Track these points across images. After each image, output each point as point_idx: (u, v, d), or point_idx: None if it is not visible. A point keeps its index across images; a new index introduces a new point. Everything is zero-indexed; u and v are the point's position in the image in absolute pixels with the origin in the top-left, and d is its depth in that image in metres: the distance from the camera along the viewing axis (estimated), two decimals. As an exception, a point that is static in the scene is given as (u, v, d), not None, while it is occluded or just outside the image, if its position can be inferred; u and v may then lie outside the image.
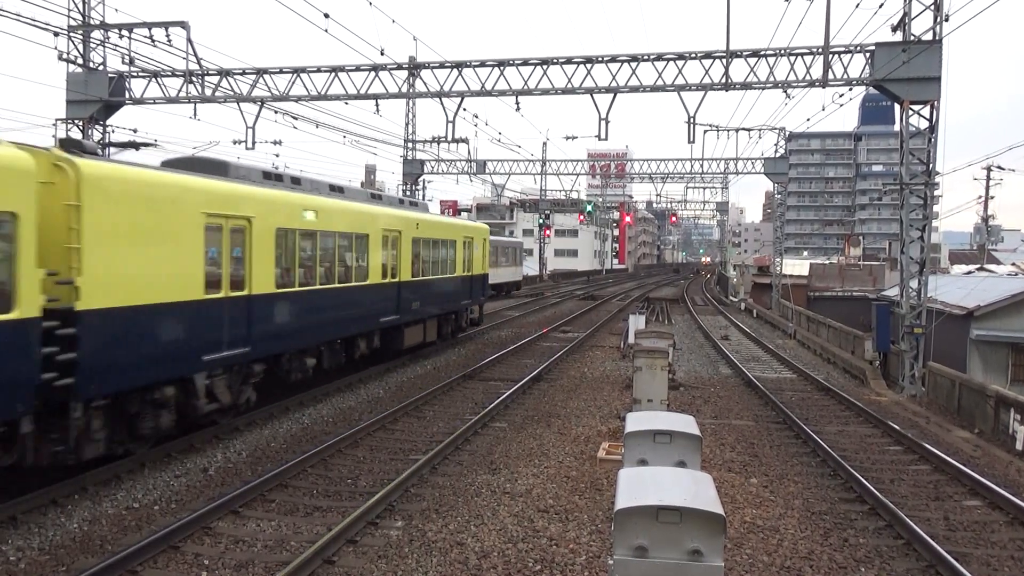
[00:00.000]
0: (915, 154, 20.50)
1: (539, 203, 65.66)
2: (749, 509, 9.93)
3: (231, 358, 12.38)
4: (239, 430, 13.25)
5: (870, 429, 15.16)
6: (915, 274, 20.73)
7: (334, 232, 15.89)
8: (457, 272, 24.22)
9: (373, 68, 24.01)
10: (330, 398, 16.29)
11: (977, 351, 24.39)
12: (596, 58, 22.81)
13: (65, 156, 9.31)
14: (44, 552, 8.15)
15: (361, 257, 17.38)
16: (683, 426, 8.34)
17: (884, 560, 8.56)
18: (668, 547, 5.69)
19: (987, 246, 55.20)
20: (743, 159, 45.13)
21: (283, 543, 8.53)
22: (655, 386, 13.88)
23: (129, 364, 10.20)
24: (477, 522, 9.20)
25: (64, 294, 9.07)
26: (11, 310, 8.24)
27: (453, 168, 44.72)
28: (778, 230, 48.10)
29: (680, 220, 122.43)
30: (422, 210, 22.91)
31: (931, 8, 19.41)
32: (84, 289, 9.28)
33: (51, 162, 9.15)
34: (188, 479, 10.72)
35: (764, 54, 21.69)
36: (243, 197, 12.70)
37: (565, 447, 12.77)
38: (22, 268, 8.33)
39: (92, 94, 24.36)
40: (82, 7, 23.64)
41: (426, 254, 21.45)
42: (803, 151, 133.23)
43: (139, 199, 10.34)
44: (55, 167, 9.16)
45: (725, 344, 27.89)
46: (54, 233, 8.98)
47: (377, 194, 20.37)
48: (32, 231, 8.41)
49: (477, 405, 15.88)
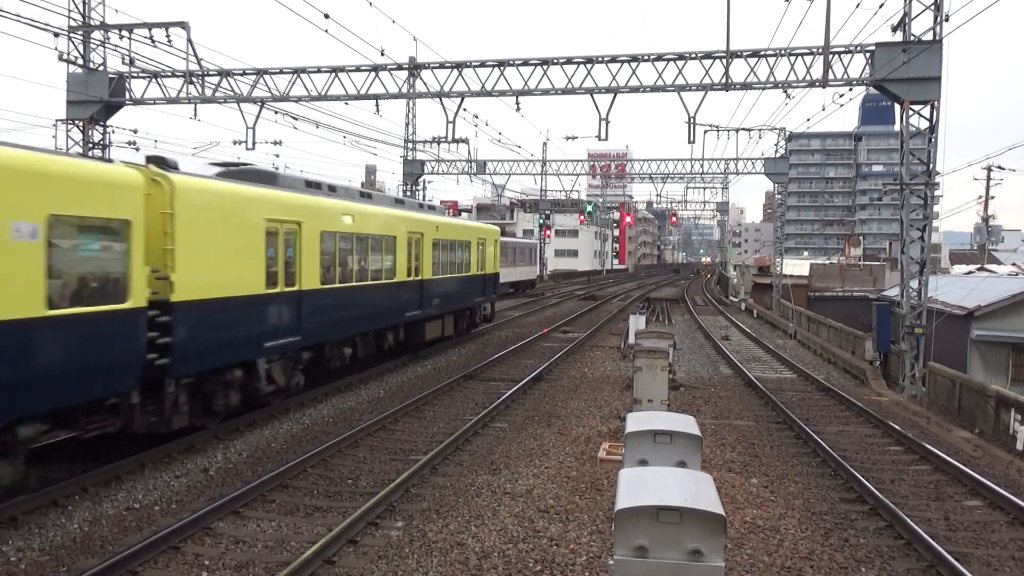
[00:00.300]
0: (915, 154, 20.50)
1: (539, 203, 65.66)
2: (749, 509, 9.93)
3: (285, 345, 14.05)
4: (239, 430, 13.25)
5: (870, 429, 15.16)
6: (915, 274, 20.72)
7: (367, 234, 17.58)
8: (472, 271, 25.72)
9: (373, 68, 24.01)
10: (330, 398, 16.29)
11: (977, 351, 24.38)
12: (596, 58, 22.81)
13: (160, 172, 11.02)
14: (45, 552, 8.16)
15: (389, 257, 18.95)
16: (683, 426, 8.34)
17: (885, 560, 8.56)
18: (668, 547, 5.69)
19: (987, 246, 55.22)
20: (743, 159, 45.13)
21: (283, 543, 8.53)
22: (655, 386, 13.87)
23: (209, 349, 11.90)
24: (477, 522, 9.20)
25: (161, 288, 10.80)
26: (126, 300, 10.02)
27: (453, 168, 44.73)
28: (778, 230, 48.09)
29: (680, 220, 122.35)
30: (440, 213, 24.62)
31: (931, 8, 19.41)
32: (177, 284, 10.99)
33: (150, 177, 10.74)
34: (188, 479, 10.73)
35: (764, 54, 21.69)
36: (294, 204, 14.40)
37: (565, 447, 12.77)
38: (134, 266, 10.13)
39: (92, 95, 24.37)
40: (82, 8, 23.66)
41: (445, 255, 22.97)
42: (803, 151, 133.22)
43: (217, 208, 12.06)
44: (153, 181, 10.78)
45: (725, 344, 27.90)
46: (153, 237, 10.60)
47: (400, 199, 21.89)
48: (141, 235, 10.20)
49: (478, 405, 15.88)
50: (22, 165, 8.63)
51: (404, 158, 39.92)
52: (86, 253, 9.81)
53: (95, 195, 9.60)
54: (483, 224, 29.89)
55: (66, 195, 9.14)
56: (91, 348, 9.59)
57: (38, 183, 8.76)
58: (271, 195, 13.68)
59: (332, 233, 15.71)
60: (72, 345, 9.34)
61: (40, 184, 8.78)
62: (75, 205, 9.29)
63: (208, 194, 11.96)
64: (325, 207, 15.63)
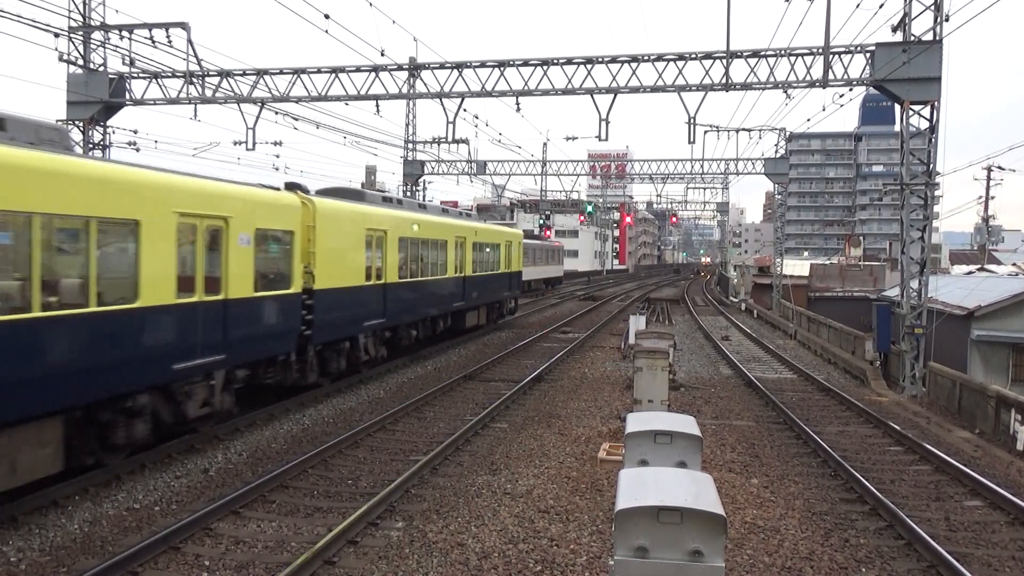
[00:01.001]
0: (915, 154, 20.50)
1: (539, 204, 65.63)
2: (750, 509, 9.93)
3: (376, 325, 18.30)
4: (239, 431, 13.26)
5: (871, 429, 15.16)
6: (916, 274, 20.72)
7: (428, 239, 21.74)
8: (501, 269, 30.04)
9: (373, 69, 24.01)
10: (330, 399, 16.30)
11: (978, 351, 24.37)
12: (596, 59, 22.81)
13: (307, 196, 15.26)
14: (45, 553, 8.15)
15: (443, 257, 23.12)
16: (684, 427, 8.34)
17: (885, 560, 8.56)
18: (669, 548, 5.68)
19: (987, 246, 55.20)
20: (743, 159, 45.09)
21: (283, 544, 8.53)
22: (656, 387, 13.87)
23: (334, 325, 16.11)
24: (478, 523, 9.20)
25: (307, 280, 14.85)
26: (291, 287, 14.29)
27: (453, 169, 44.69)
28: (778, 230, 48.06)
29: (680, 221, 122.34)
30: (475, 220, 29.12)
31: (931, 8, 19.41)
32: (317, 276, 15.17)
33: (302, 200, 14.87)
34: (188, 480, 10.73)
35: (764, 54, 21.69)
36: (382, 216, 18.61)
37: (566, 448, 12.77)
38: (295, 263, 14.42)
39: (93, 95, 24.37)
40: (82, 8, 23.65)
41: (481, 255, 27.13)
42: (803, 151, 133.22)
43: (339, 221, 16.29)
44: (303, 203, 14.85)
45: (726, 344, 27.89)
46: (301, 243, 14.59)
47: (446, 209, 26.28)
48: (299, 242, 14.46)
49: (478, 406, 15.88)
50: (249, 197, 12.94)
51: (404, 158, 39.90)
52: (271, 254, 13.92)
53: (276, 214, 13.82)
54: (510, 228, 34.16)
55: (264, 215, 13.37)
56: (274, 319, 13.67)
57: (255, 208, 13.07)
58: (368, 210, 18.06)
59: (406, 239, 19.90)
60: (266, 317, 13.40)
61: (255, 208, 13.05)
62: (268, 221, 13.51)
63: (334, 211, 16.16)
64: (401, 218, 19.85)
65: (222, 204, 12.13)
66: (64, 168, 9.10)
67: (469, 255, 25.40)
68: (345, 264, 16.50)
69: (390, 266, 18.81)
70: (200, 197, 11.60)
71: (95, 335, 9.58)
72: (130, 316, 10.16)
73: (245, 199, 12.73)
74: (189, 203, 11.30)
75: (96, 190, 9.51)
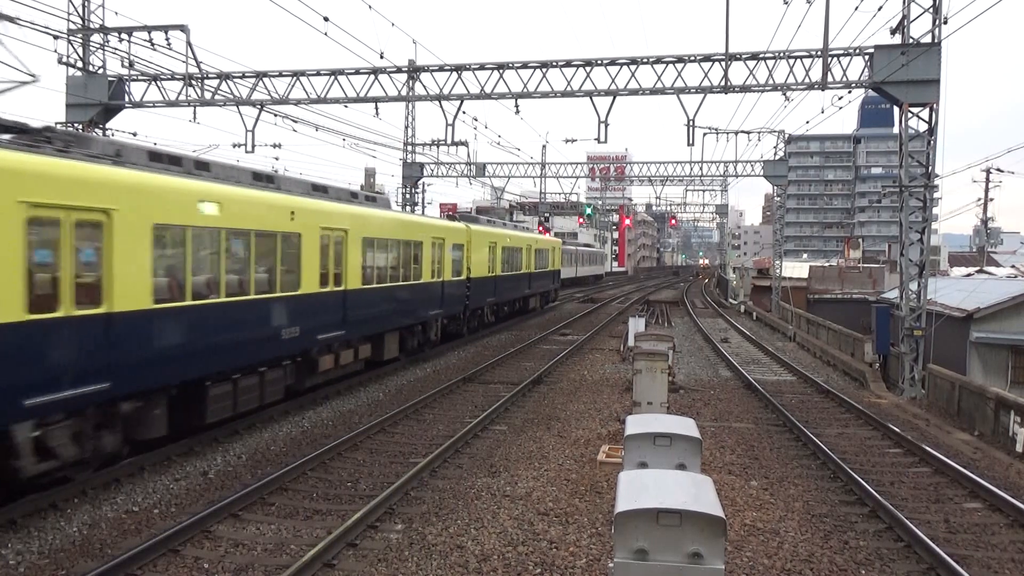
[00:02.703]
0: (914, 156, 20.51)
1: (539, 206, 65.65)
2: (749, 512, 9.93)
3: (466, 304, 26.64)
4: (238, 433, 13.25)
5: (870, 431, 15.16)
6: (915, 276, 20.73)
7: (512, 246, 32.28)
8: (548, 267, 40.87)
9: (373, 71, 24.04)
10: (330, 401, 16.29)
11: (977, 353, 24.39)
12: (595, 61, 22.83)
13: (466, 223, 26.68)
14: (44, 556, 8.14)
15: (518, 258, 33.51)
16: (683, 429, 8.34)
17: (884, 563, 8.56)
18: (668, 550, 5.68)
19: (986, 248, 55.20)
20: (742, 162, 45.16)
21: (283, 546, 8.52)
22: (655, 389, 13.86)
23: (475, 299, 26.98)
24: (477, 525, 9.19)
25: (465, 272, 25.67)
26: (463, 276, 25.49)
27: (453, 171, 44.73)
28: (777, 232, 48.03)
29: (680, 223, 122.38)
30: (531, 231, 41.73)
31: (930, 11, 19.43)
32: (471, 270, 26.10)
33: (466, 224, 26.35)
34: (188, 482, 10.71)
35: (763, 57, 21.71)
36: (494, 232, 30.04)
37: (565, 450, 12.76)
38: (464, 262, 25.61)
39: (92, 98, 24.38)
40: (82, 11, 23.67)
41: (535, 257, 37.39)
42: (802, 153, 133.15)
43: (479, 238, 27.03)
44: (466, 226, 26.05)
45: (725, 347, 27.89)
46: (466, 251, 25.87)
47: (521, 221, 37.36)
48: (468, 252, 25.82)
49: (477, 408, 15.87)
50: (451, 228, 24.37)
51: (403, 160, 39.90)
52: (454, 256, 24.33)
53: (458, 233, 24.92)
54: (552, 238, 47.23)
55: (453, 234, 24.35)
56: (458, 293, 24.89)
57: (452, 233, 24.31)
58: (491, 228, 29.29)
59: (497, 244, 29.67)
60: (456, 294, 24.57)
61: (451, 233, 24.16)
62: (455, 237, 24.48)
63: (478, 231, 27.32)
64: (500, 232, 30.56)
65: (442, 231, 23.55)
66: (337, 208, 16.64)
67: (530, 257, 36.00)
68: (484, 264, 27.91)
69: (498, 265, 29.95)
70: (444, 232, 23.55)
71: None
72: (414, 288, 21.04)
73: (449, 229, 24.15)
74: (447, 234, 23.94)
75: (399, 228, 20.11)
